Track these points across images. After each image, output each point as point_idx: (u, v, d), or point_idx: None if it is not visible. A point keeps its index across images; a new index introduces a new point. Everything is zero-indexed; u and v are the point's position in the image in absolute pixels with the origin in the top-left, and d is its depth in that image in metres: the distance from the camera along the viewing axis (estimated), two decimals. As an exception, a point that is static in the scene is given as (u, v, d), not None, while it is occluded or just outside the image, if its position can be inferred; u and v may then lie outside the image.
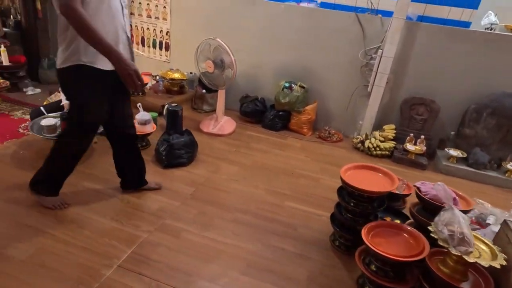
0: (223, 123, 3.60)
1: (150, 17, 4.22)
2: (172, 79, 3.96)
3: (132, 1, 4.24)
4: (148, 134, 3.00)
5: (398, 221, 2.16)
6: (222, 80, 3.30)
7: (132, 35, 4.44)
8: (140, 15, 4.26)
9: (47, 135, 2.50)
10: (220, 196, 2.46)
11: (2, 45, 4.20)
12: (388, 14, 3.37)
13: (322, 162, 3.21)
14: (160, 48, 4.33)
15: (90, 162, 2.66)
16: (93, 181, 2.42)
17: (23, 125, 3.56)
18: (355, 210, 1.90)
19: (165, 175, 2.64)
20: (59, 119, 2.63)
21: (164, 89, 4.01)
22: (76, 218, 2.05)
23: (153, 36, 4.30)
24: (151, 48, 4.38)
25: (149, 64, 4.45)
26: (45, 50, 4.90)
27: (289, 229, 2.22)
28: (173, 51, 4.30)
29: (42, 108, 2.78)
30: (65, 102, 2.98)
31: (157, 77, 4.05)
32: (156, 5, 4.12)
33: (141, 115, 2.94)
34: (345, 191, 1.97)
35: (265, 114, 3.88)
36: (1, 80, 4.04)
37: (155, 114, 3.39)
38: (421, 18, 3.38)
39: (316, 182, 2.84)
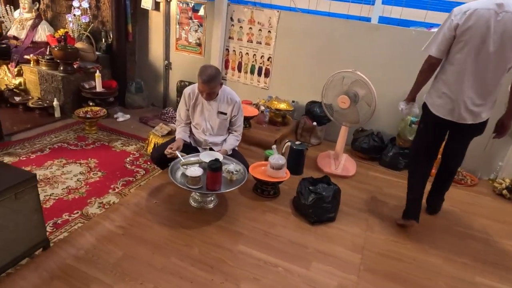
0: (345, 162, 3.23)
1: (251, 42, 3.94)
2: (278, 110, 3.64)
3: (232, 25, 3.99)
4: (280, 182, 2.66)
5: None
6: (355, 116, 2.93)
7: (227, 60, 4.18)
8: (240, 39, 3.99)
9: (191, 186, 2.20)
10: (396, 267, 2.07)
11: (97, 71, 4.05)
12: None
13: (475, 215, 2.76)
14: (259, 74, 4.03)
15: (230, 216, 2.35)
16: (246, 244, 2.09)
17: (128, 159, 3.33)
18: None
19: (316, 234, 2.28)
20: (198, 165, 2.33)
21: (267, 120, 3.69)
22: (254, 300, 1.71)
23: (252, 61, 4.01)
24: (248, 74, 4.09)
25: (245, 90, 4.16)
26: (130, 73, 4.74)
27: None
28: (273, 78, 4.00)
29: (178, 153, 2.48)
30: (224, 148, 2.72)
31: (261, 107, 3.75)
32: (260, 30, 3.84)
33: (277, 158, 2.61)
34: None
35: (384, 151, 3.48)
36: (97, 108, 3.86)
37: (271, 151, 3.06)
38: None
39: (487, 245, 2.39)
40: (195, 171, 2.19)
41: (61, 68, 3.96)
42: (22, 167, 2.94)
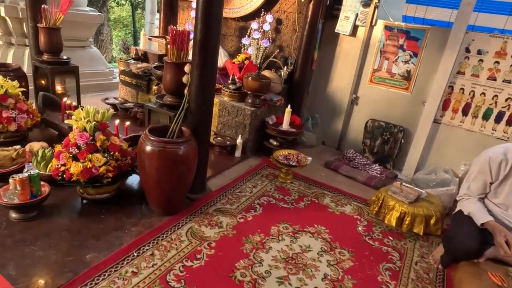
0: None
1: (494, 79, 3.06)
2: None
3: (466, 58, 3.15)
4: None
5: None
6: None
7: (448, 100, 3.32)
8: (475, 75, 3.14)
9: None
10: None
11: (289, 105, 3.40)
12: None
13: None
14: (497, 121, 3.12)
15: None
16: None
17: (360, 228, 2.56)
18: None
19: None
20: None
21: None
22: None
23: (490, 104, 3.12)
24: (478, 119, 3.19)
25: (468, 139, 3.27)
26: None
27: None
28: (520, 126, 3.07)
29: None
30: None
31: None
32: (513, 65, 2.96)
33: None
34: None
35: None
36: (294, 152, 3.18)
37: None
38: None
39: None
40: None
41: (249, 101, 3.36)
42: (249, 235, 2.29)
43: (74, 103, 2.98)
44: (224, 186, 2.86)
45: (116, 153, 2.18)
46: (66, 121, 2.15)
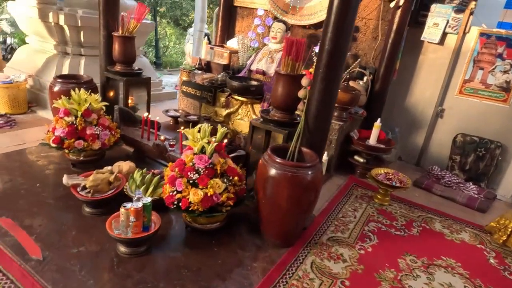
0: None
1: None
2: None
3: None
4: None
5: None
6: None
7: (556, 113, 3.03)
8: None
9: None
10: None
11: (378, 119, 3.13)
12: None
13: None
14: None
15: None
16: None
17: (491, 260, 2.26)
18: None
19: None
20: None
21: None
22: None
23: None
24: None
25: None
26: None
27: None
28: None
29: None
30: None
31: None
32: None
33: None
34: None
35: None
36: (390, 170, 2.89)
37: None
38: None
39: None
40: None
41: (335, 114, 3.10)
42: (380, 270, 2.00)
43: (157, 118, 2.73)
44: (324, 210, 2.58)
45: (235, 178, 1.92)
46: (184, 142, 1.89)
